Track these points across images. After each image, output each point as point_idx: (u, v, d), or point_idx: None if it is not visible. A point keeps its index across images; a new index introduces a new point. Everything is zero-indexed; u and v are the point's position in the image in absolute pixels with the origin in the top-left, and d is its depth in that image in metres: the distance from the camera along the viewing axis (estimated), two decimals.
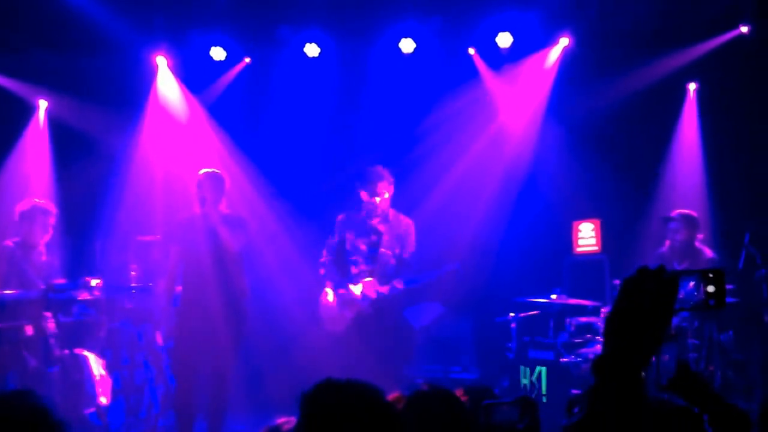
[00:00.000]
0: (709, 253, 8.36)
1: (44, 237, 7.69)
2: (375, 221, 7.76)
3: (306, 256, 9.75)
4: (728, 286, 7.62)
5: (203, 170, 7.25)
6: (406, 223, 7.88)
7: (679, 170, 9.89)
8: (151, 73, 10.08)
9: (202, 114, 10.21)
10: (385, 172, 7.70)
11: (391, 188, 7.73)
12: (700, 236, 8.45)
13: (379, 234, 7.74)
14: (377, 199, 7.64)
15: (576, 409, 2.37)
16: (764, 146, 9.33)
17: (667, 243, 8.44)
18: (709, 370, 7.38)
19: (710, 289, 2.37)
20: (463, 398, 3.39)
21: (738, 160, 9.52)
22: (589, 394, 2.08)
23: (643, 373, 2.03)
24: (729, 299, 7.64)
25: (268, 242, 9.48)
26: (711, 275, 2.38)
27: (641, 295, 2.11)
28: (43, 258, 7.66)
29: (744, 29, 9.33)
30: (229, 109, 10.30)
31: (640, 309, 2.09)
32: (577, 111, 9.88)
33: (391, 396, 3.10)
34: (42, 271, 7.55)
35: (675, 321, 7.57)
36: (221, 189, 7.14)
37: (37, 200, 7.87)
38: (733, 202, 9.40)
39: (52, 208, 7.81)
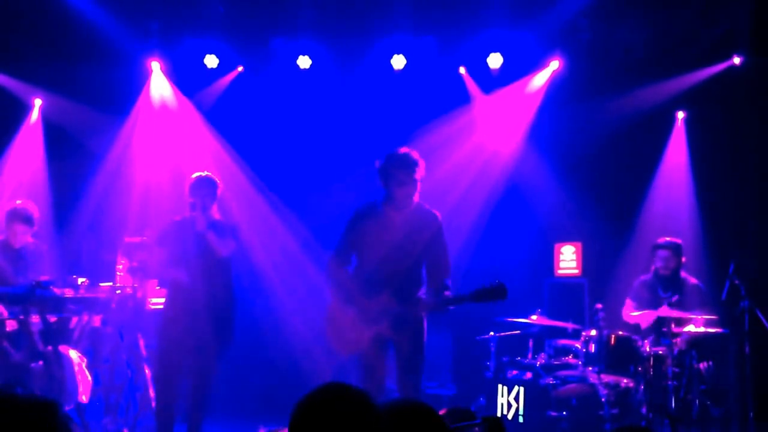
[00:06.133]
0: (693, 280, 8.43)
1: (23, 239, 7.75)
2: (394, 216, 6.49)
3: (295, 263, 9.84)
4: (711, 316, 7.78)
5: (196, 174, 7.22)
6: (431, 219, 6.56)
7: (663, 198, 9.95)
8: (144, 78, 10.14)
9: (194, 118, 10.27)
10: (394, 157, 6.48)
11: (409, 175, 6.37)
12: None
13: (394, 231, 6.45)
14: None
15: None
16: (750, 178, 9.43)
17: (653, 270, 8.50)
18: (687, 398, 7.46)
19: None
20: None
21: (724, 191, 9.60)
22: None
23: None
24: (712, 330, 7.76)
25: (254, 249, 9.55)
26: None
27: None
28: (26, 259, 7.70)
29: (737, 60, 9.42)
30: (221, 116, 10.36)
31: None
32: (564, 134, 9.96)
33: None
34: (25, 272, 7.58)
35: (656, 348, 7.68)
36: (213, 194, 7.10)
37: (18, 203, 7.90)
38: (718, 232, 9.48)
39: (35, 212, 7.84)
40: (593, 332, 7.64)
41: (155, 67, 10.12)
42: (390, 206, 6.47)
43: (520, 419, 7.57)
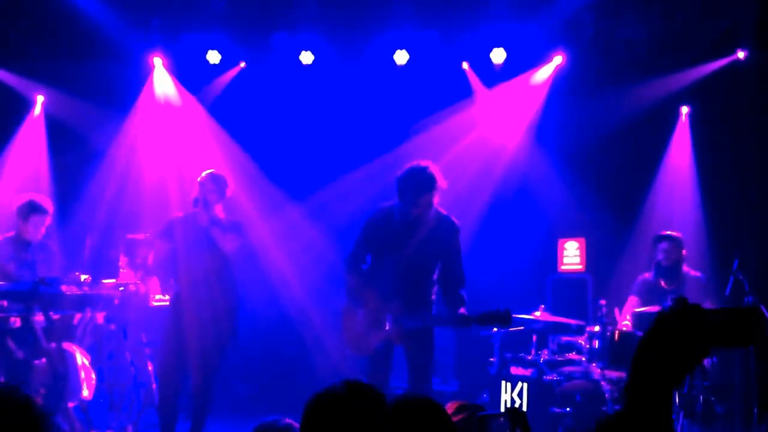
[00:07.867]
0: (695, 273, 8.41)
1: (38, 235, 7.71)
2: (410, 223, 6.46)
3: (299, 258, 9.82)
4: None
5: (208, 171, 7.23)
6: (448, 227, 6.54)
7: (667, 193, 9.91)
8: (146, 74, 10.15)
9: (197, 113, 10.27)
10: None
11: (424, 199, 6.35)
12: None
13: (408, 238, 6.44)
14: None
15: None
16: (754, 173, 9.39)
17: (655, 263, 8.44)
18: (691, 395, 7.44)
19: None
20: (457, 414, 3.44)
21: (728, 186, 9.56)
22: (618, 417, 2.14)
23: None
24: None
25: (259, 244, 9.56)
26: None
27: (679, 329, 2.14)
28: (36, 256, 7.68)
29: (741, 55, 9.38)
30: (224, 111, 10.36)
31: (677, 342, 2.14)
32: (568, 129, 9.94)
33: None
34: (33, 269, 7.56)
35: None
36: (219, 192, 7.11)
37: (34, 197, 7.87)
38: (722, 228, 9.45)
39: (50, 207, 7.81)
40: (597, 328, 7.61)
41: (157, 62, 10.11)
42: (406, 213, 6.45)
43: None
